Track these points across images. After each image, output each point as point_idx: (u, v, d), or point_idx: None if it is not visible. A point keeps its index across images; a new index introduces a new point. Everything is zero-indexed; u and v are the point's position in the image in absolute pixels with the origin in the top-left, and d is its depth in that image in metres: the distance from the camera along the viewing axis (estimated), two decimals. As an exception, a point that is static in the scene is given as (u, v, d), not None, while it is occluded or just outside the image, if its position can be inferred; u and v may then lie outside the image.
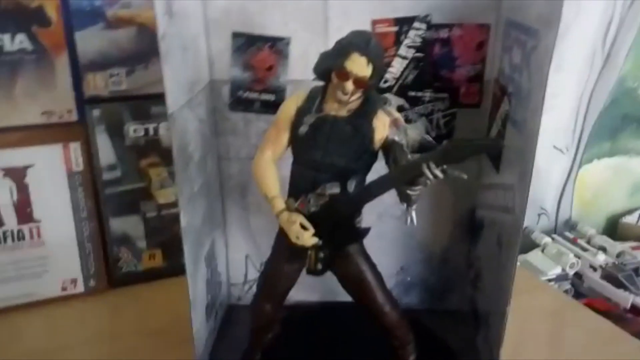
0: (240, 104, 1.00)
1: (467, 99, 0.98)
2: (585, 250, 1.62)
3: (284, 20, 0.94)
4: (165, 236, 1.24)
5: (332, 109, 0.77)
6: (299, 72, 0.97)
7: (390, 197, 0.81)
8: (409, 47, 0.95)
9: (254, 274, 1.13)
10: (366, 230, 0.80)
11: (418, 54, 0.96)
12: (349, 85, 0.72)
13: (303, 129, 0.77)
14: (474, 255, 1.07)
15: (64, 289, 1.17)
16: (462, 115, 0.99)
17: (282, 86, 0.98)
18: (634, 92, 1.72)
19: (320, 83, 0.79)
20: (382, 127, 0.77)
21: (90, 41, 1.09)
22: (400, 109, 0.96)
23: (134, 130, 1.15)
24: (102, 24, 1.09)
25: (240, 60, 0.97)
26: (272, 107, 0.99)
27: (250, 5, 0.94)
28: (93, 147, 1.14)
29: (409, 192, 0.72)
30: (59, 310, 1.13)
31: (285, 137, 0.79)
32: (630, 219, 1.86)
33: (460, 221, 1.08)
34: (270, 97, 0.99)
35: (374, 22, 0.93)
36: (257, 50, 0.96)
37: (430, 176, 0.66)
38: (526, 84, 0.79)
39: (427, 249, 1.11)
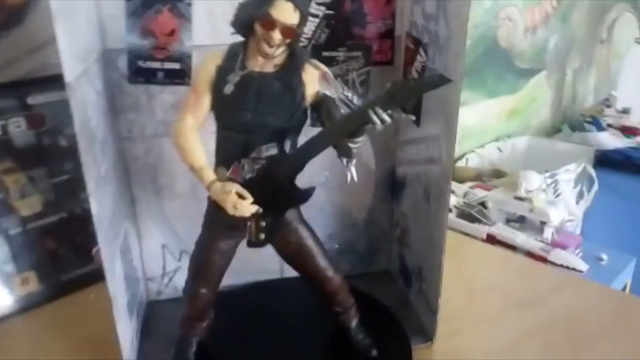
0: (141, 75, 0.90)
1: (380, 56, 0.97)
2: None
3: (183, -21, 0.86)
4: (37, 254, 1.03)
5: (257, 65, 0.71)
6: (205, 37, 0.89)
7: (314, 164, 0.78)
8: (319, 4, 0.91)
9: (172, 265, 1.04)
10: (311, 190, 0.75)
11: (329, 12, 0.92)
12: (277, 35, 0.67)
13: (228, 89, 0.70)
14: (398, 213, 1.07)
15: None
16: (376, 73, 0.99)
17: (187, 52, 0.90)
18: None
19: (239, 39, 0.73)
20: (312, 81, 0.73)
21: None
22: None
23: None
24: None
25: (137, 26, 0.87)
26: (177, 77, 0.91)
27: (142, -37, 0.84)
28: None
29: (350, 144, 0.69)
30: None
31: (206, 100, 0.72)
32: (461, 163, 2.14)
33: (382, 181, 1.08)
34: (175, 66, 0.90)
35: (281, -21, 0.88)
36: (156, 13, 0.87)
37: (378, 121, 0.64)
38: (444, 31, 0.80)
39: (352, 213, 1.10)
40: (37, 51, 1.00)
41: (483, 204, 1.83)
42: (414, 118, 0.67)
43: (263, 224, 0.75)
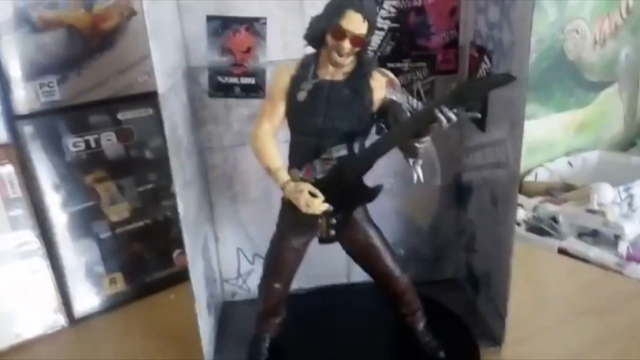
0: (220, 89, 0.97)
1: (445, 65, 1.00)
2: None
3: (258, 0, 0.93)
4: (124, 257, 1.12)
5: (328, 73, 0.76)
6: (277, 52, 0.96)
7: (379, 171, 0.82)
8: (385, 18, 0.96)
9: (246, 267, 1.10)
10: (379, 188, 0.79)
11: (394, 25, 0.97)
12: (346, 45, 0.72)
13: (301, 96, 0.76)
14: (465, 219, 1.08)
15: (18, 335, 0.99)
16: (440, 82, 1.01)
17: (261, 68, 0.97)
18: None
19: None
20: (380, 87, 0.77)
21: (16, 48, 0.94)
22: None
23: (73, 144, 1.03)
24: (27, 28, 0.93)
25: (217, 45, 0.95)
26: (253, 91, 0.98)
27: (222, -13, 0.92)
28: (30, 169, 0.97)
29: (416, 144, 0.72)
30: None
31: (281, 107, 0.78)
32: (530, 178, 2.09)
33: (447, 188, 1.09)
34: (251, 81, 0.97)
35: (349, -4, 0.94)
36: (234, 32, 0.94)
37: (444, 120, 0.67)
38: (507, 37, 0.82)
39: (417, 220, 1.12)
40: (125, 72, 1.10)
41: (554, 218, 1.79)
42: (479, 115, 0.69)
43: (333, 221, 0.79)
